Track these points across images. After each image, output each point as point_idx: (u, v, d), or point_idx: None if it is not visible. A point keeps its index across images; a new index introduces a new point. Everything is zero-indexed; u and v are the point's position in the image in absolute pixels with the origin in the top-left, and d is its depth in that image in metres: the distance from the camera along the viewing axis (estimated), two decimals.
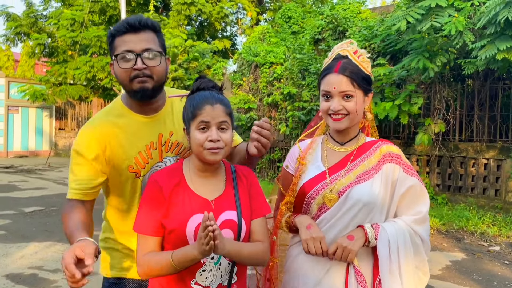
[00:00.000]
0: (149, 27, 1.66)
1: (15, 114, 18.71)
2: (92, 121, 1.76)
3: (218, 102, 1.49)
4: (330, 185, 1.69)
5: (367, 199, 1.63)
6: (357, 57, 1.70)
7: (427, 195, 1.71)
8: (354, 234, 1.61)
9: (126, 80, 1.65)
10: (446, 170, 8.50)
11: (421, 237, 1.68)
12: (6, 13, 16.09)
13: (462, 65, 7.13)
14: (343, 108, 1.65)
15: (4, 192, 9.35)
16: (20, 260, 4.83)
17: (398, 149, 1.73)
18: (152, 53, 1.64)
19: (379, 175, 1.67)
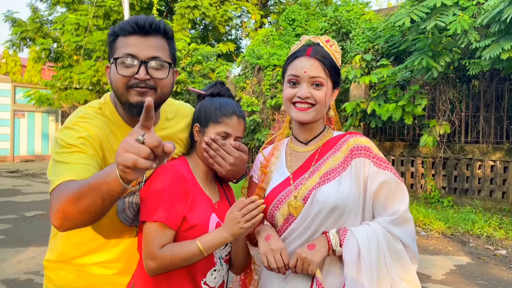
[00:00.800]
0: (160, 32, 1.40)
1: (21, 119, 18.82)
2: (82, 116, 1.42)
3: (242, 117, 1.55)
4: (295, 191, 1.49)
5: (334, 201, 1.41)
6: (329, 45, 1.54)
7: (404, 191, 1.47)
8: (315, 242, 1.41)
9: (122, 88, 1.37)
10: (452, 172, 8.36)
11: (402, 241, 1.43)
12: (12, 19, 16.22)
13: (466, 66, 7.01)
14: (311, 96, 1.46)
15: (7, 197, 9.36)
16: (17, 265, 4.79)
17: (368, 140, 1.52)
18: (160, 62, 1.38)
19: (348, 172, 1.46)
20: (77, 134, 1.34)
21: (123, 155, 0.97)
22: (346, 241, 1.39)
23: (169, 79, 1.42)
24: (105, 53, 14.35)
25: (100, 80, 14.83)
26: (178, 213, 1.40)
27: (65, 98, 16.12)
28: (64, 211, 1.17)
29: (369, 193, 1.45)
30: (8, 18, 16.23)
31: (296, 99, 1.48)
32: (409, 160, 8.95)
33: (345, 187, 1.44)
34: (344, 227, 1.43)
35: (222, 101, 1.54)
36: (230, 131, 1.49)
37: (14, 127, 18.58)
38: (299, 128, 1.57)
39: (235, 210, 1.37)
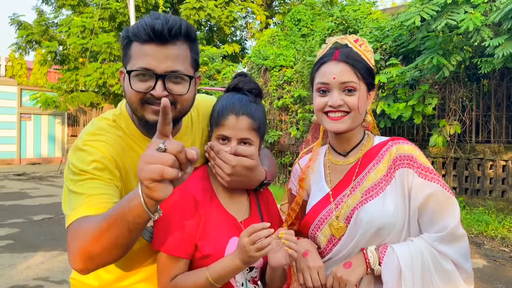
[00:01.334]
0: (181, 36, 1.22)
1: (27, 122, 18.87)
2: (95, 132, 1.31)
3: (245, 113, 1.31)
4: (336, 210, 1.37)
5: (380, 221, 1.29)
6: (359, 45, 1.41)
7: (454, 204, 1.32)
8: (352, 260, 1.30)
9: (136, 103, 1.24)
10: (463, 172, 8.24)
11: (453, 260, 1.29)
12: (18, 22, 16.25)
13: (478, 65, 6.90)
14: (344, 103, 1.33)
15: (14, 200, 9.34)
16: (25, 270, 4.74)
17: (413, 147, 1.36)
18: (179, 75, 1.23)
19: (392, 186, 1.32)
20: (89, 157, 1.22)
21: (147, 168, 0.88)
22: (386, 259, 1.28)
23: (189, 94, 1.26)
24: (111, 55, 14.37)
25: (106, 82, 14.83)
26: (189, 241, 1.28)
27: (71, 100, 16.13)
28: (87, 251, 1.06)
29: (414, 207, 1.32)
30: (14, 21, 16.26)
31: (328, 108, 1.35)
32: None
33: (390, 203, 1.31)
34: (385, 244, 1.32)
35: (227, 99, 1.36)
36: (228, 134, 1.31)
37: (20, 130, 18.63)
38: (336, 139, 1.45)
39: (244, 236, 1.20)
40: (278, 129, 11.40)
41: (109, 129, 1.32)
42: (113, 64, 14.69)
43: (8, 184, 12.28)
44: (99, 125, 1.33)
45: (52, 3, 17.35)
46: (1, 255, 5.27)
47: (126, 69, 1.25)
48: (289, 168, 10.81)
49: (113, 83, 14.78)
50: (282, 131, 11.30)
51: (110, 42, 14.26)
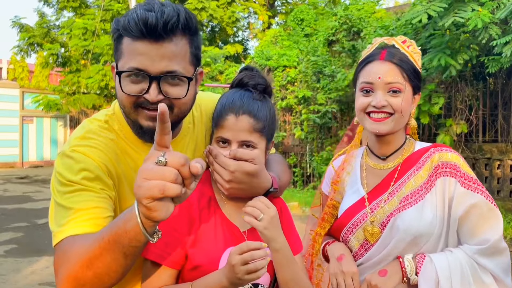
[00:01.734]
0: (179, 30, 1.06)
1: (29, 125, 18.84)
2: (85, 136, 1.17)
3: (245, 112, 1.16)
4: (371, 215, 1.33)
5: (417, 229, 1.25)
6: (407, 46, 1.37)
7: (498, 217, 1.28)
8: (388, 268, 1.27)
9: (128, 107, 1.11)
10: None
11: (492, 273, 1.25)
12: (19, 24, 16.20)
13: (485, 63, 6.82)
14: (388, 104, 1.29)
15: (18, 204, 9.29)
16: (31, 275, 4.68)
17: (456, 156, 1.34)
18: (176, 77, 1.08)
19: (432, 194, 1.28)
20: (78, 165, 1.09)
21: (145, 185, 0.77)
22: (423, 269, 1.23)
23: (188, 96, 1.12)
24: (113, 57, 14.30)
25: (108, 84, 14.78)
26: (176, 248, 1.14)
27: (73, 103, 16.09)
28: (77, 277, 0.94)
29: (454, 217, 1.28)
30: (15, 24, 16.23)
31: (371, 109, 1.31)
32: None
33: (428, 212, 1.27)
34: (422, 253, 1.28)
35: (228, 96, 1.22)
36: (227, 136, 1.16)
37: (22, 133, 18.60)
38: (376, 141, 1.40)
39: (235, 253, 1.03)
40: (282, 130, 11.32)
41: (101, 131, 1.19)
42: None
43: (11, 187, 12.24)
44: (89, 128, 1.19)
45: (54, 5, 17.31)
46: (6, 260, 5.21)
47: (117, 66, 1.12)
48: (293, 169, 10.74)
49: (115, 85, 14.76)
50: (286, 132, 11.23)
51: (111, 43, 14.19)
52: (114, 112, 1.24)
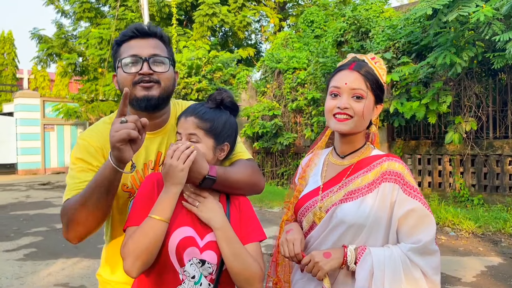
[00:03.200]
0: (157, 36, 1.57)
1: (51, 132, 19.40)
2: (92, 128, 1.62)
3: (192, 114, 1.46)
4: (321, 202, 1.54)
5: (352, 220, 1.45)
6: (374, 62, 1.57)
7: (432, 222, 1.46)
8: (332, 252, 1.44)
9: (129, 85, 1.50)
10: (481, 169, 8.12)
11: (422, 270, 1.42)
12: (38, 36, 16.74)
13: (491, 59, 6.81)
14: (351, 107, 1.49)
15: (39, 209, 9.65)
16: (47, 277, 4.92)
17: (403, 166, 1.51)
18: (160, 58, 1.53)
19: (373, 194, 1.47)
20: (81, 148, 1.55)
21: (117, 134, 1.23)
22: (362, 260, 1.41)
23: (170, 73, 1.55)
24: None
25: None
26: (146, 212, 1.36)
27: (91, 110, 16.54)
28: (75, 218, 1.38)
29: (395, 219, 1.45)
30: (34, 36, 16.77)
31: (336, 110, 1.51)
32: (436, 158, 8.74)
33: (366, 207, 1.45)
34: (364, 246, 1.45)
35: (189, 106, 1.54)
36: (179, 131, 1.47)
37: (44, 140, 19.17)
38: (339, 141, 1.61)
39: (168, 159, 1.33)
40: (293, 131, 11.43)
41: (102, 125, 1.61)
42: None
43: (33, 193, 12.67)
44: (95, 124, 1.65)
45: (71, 16, 17.81)
46: (25, 263, 5.48)
47: (117, 67, 1.55)
48: None
49: None
50: (297, 133, 11.33)
51: None
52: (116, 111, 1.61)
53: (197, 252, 1.38)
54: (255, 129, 11.23)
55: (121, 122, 1.24)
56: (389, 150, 9.38)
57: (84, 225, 1.40)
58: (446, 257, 5.27)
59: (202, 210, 1.41)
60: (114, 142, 1.23)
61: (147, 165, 1.59)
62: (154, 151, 1.60)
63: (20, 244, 6.48)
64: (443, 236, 6.25)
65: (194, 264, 1.36)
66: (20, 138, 18.59)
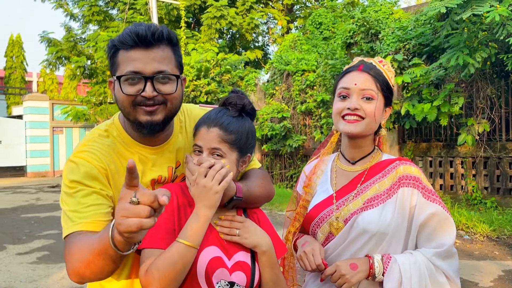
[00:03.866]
0: (164, 40, 1.28)
1: (59, 135, 19.51)
2: (87, 145, 1.35)
3: (216, 125, 1.30)
4: (337, 211, 1.47)
5: (375, 228, 1.40)
6: (382, 65, 1.53)
7: (452, 225, 1.44)
8: (358, 263, 1.38)
9: (128, 107, 1.28)
10: (494, 171, 8.03)
11: (445, 274, 1.40)
12: (47, 39, 16.86)
13: (504, 61, 6.74)
14: (361, 108, 1.43)
15: (49, 212, 9.69)
16: (61, 281, 4.92)
17: (418, 170, 1.48)
18: (167, 75, 1.28)
19: (392, 200, 1.43)
20: (79, 169, 1.29)
21: (125, 223, 0.91)
22: (389, 270, 1.37)
23: (178, 92, 1.32)
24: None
25: None
26: (166, 232, 1.24)
27: (100, 112, 16.62)
28: (78, 272, 1.16)
29: (416, 224, 1.42)
30: (44, 39, 16.90)
31: (346, 111, 1.45)
32: (448, 161, 8.66)
33: (387, 215, 1.41)
34: (388, 254, 1.41)
35: (208, 113, 1.38)
36: (200, 143, 1.31)
37: (53, 143, 19.28)
38: (348, 145, 1.55)
39: (200, 178, 1.20)
40: (303, 134, 11.40)
41: (99, 139, 1.37)
42: None
43: (43, 196, 12.73)
44: (90, 137, 1.39)
45: (80, 19, 17.94)
46: (38, 266, 5.49)
47: (115, 77, 1.29)
48: None
49: None
50: (307, 135, 11.29)
51: None
52: (113, 122, 1.43)
53: (226, 274, 1.27)
54: (264, 131, 11.21)
55: (131, 202, 0.91)
56: (400, 152, 9.32)
57: (90, 279, 1.19)
58: (462, 261, 5.20)
59: (246, 237, 1.30)
60: (121, 231, 0.93)
61: (154, 180, 1.40)
62: (164, 166, 1.42)
63: (33, 247, 6.50)
64: (457, 240, 6.18)
65: (222, 287, 1.26)
66: (29, 140, 18.71)
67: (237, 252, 1.31)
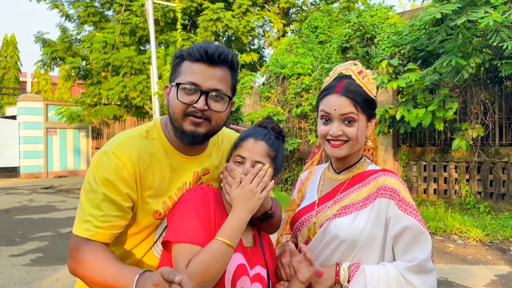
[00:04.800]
0: (227, 63, 1.39)
1: (53, 136, 19.39)
2: (125, 143, 1.39)
3: (263, 139, 1.41)
4: (315, 217, 1.53)
5: (345, 235, 1.42)
6: (362, 77, 1.52)
7: (427, 239, 1.42)
8: (325, 271, 1.41)
9: (178, 114, 1.37)
10: (487, 176, 8.10)
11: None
12: (42, 40, 16.76)
13: (498, 67, 6.81)
14: (343, 133, 1.47)
15: (43, 213, 9.62)
16: (55, 283, 4.89)
17: (398, 182, 1.46)
18: (221, 95, 1.37)
19: (368, 209, 1.44)
20: (111, 166, 1.33)
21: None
22: (355, 278, 1.39)
23: (226, 113, 1.41)
24: (132, 69, 14.71)
25: (128, 95, 15.17)
26: (206, 232, 1.28)
27: (94, 114, 16.54)
28: (83, 279, 1.30)
29: (390, 236, 1.42)
30: (38, 39, 16.79)
31: (329, 137, 1.49)
32: (442, 165, 8.73)
33: (360, 223, 1.42)
34: (358, 263, 1.43)
35: (251, 129, 1.49)
36: (244, 154, 1.39)
37: (47, 144, 19.16)
38: (335, 158, 1.60)
39: (247, 183, 1.29)
40: (298, 137, 11.42)
41: (138, 139, 1.42)
42: (134, 78, 15.02)
43: (36, 197, 12.64)
44: (129, 135, 1.44)
45: (75, 20, 17.86)
46: (32, 268, 5.46)
47: (173, 83, 1.39)
48: None
49: (135, 96, 15.13)
50: (302, 139, 11.32)
51: (131, 56, 14.60)
52: (155, 125, 1.50)
53: (247, 282, 1.32)
54: None
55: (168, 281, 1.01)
56: (394, 156, 9.37)
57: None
58: (455, 266, 5.24)
59: None
60: None
61: (181, 189, 1.46)
62: (190, 173, 1.48)
63: (26, 249, 6.46)
64: (451, 244, 6.22)
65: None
66: (23, 141, 18.58)
67: (258, 264, 1.38)
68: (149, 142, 1.42)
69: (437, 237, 6.60)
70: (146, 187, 1.38)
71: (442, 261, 5.43)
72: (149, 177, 1.39)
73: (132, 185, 1.35)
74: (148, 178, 1.38)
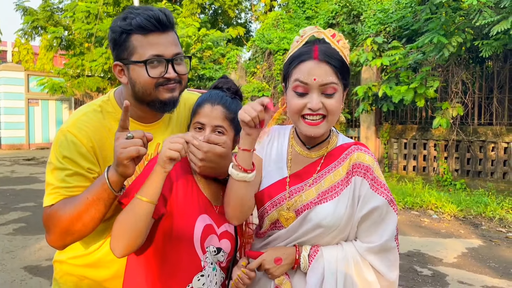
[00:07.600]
0: (171, 24, 1.38)
1: (35, 107, 19.09)
2: (80, 120, 1.41)
3: (220, 103, 1.40)
4: (289, 199, 1.37)
5: (329, 223, 1.32)
6: (337, 41, 1.32)
7: (393, 219, 1.35)
8: (283, 257, 1.36)
9: (151, 88, 1.37)
10: (465, 154, 8.33)
11: (377, 270, 1.33)
12: (23, 8, 16.31)
13: (479, 47, 6.92)
14: (323, 106, 1.27)
15: (25, 184, 9.59)
16: (38, 252, 4.95)
17: (372, 159, 1.36)
18: (181, 58, 1.40)
19: (347, 191, 1.34)
20: (70, 145, 1.36)
21: (125, 151, 1.17)
22: (313, 264, 1.34)
23: (187, 72, 1.47)
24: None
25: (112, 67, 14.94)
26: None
27: (77, 85, 16.29)
28: (67, 229, 1.29)
29: (358, 216, 1.34)
30: (19, 7, 16.34)
31: (307, 111, 1.28)
32: (421, 143, 8.93)
33: (341, 207, 1.33)
34: (317, 246, 1.37)
35: (207, 93, 1.46)
36: (203, 121, 1.38)
37: (28, 115, 18.86)
38: None
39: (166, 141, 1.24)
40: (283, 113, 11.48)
41: (92, 114, 1.44)
42: None
43: (18, 169, 12.55)
44: (83, 111, 1.46)
45: None
46: (15, 237, 5.50)
47: (129, 60, 1.37)
48: None
49: None
50: (286, 114, 11.39)
51: None
52: (109, 99, 1.50)
53: (215, 240, 1.38)
54: None
55: (127, 138, 1.17)
56: (376, 133, 9.53)
57: (77, 235, 1.31)
58: (428, 239, 5.46)
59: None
60: (122, 159, 1.16)
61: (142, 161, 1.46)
62: (153, 143, 1.46)
63: (9, 219, 6.48)
64: (426, 219, 6.45)
65: (209, 252, 1.37)
66: (3, 112, 18.24)
67: (224, 222, 1.41)
68: (104, 116, 1.44)
69: (413, 212, 6.82)
70: (108, 160, 1.39)
71: (417, 234, 5.64)
72: (109, 150, 1.39)
73: (93, 160, 1.38)
74: (108, 151, 1.40)
